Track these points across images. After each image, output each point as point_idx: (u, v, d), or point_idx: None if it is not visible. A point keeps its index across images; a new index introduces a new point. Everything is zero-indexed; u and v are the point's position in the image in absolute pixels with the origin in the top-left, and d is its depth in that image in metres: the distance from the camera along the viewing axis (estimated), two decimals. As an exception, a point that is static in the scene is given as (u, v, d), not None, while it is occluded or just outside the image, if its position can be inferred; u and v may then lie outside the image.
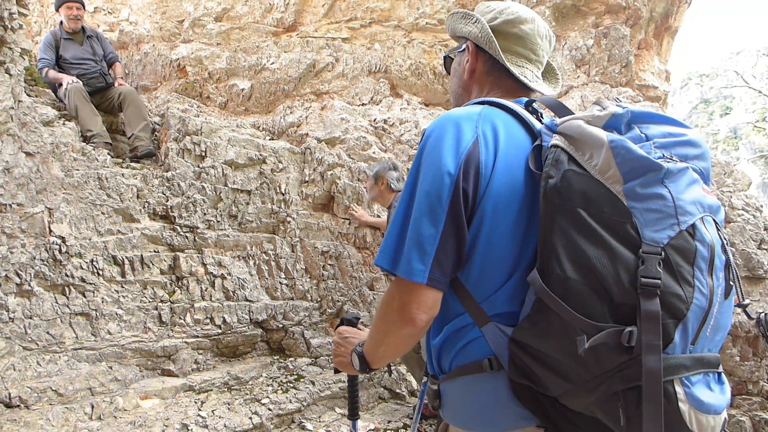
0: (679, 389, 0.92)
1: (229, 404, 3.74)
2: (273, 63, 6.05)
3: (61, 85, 4.76)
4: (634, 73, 5.23)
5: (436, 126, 1.15)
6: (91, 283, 3.71)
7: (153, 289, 4.03)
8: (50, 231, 3.57)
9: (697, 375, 0.95)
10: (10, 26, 3.05)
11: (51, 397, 3.29)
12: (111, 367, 3.68)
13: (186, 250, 4.28)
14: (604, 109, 1.06)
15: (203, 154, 4.62)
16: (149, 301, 3.99)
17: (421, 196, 1.09)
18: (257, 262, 4.65)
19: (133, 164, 4.51)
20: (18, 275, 3.38)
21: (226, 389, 3.95)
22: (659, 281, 0.90)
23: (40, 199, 3.53)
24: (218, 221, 4.52)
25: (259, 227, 4.77)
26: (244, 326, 4.40)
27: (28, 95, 3.89)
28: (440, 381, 1.21)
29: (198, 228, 4.37)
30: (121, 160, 4.51)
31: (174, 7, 6.51)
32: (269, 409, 3.73)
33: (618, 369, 0.92)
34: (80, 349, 3.60)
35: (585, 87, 5.30)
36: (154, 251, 4.12)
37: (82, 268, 3.68)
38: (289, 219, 4.90)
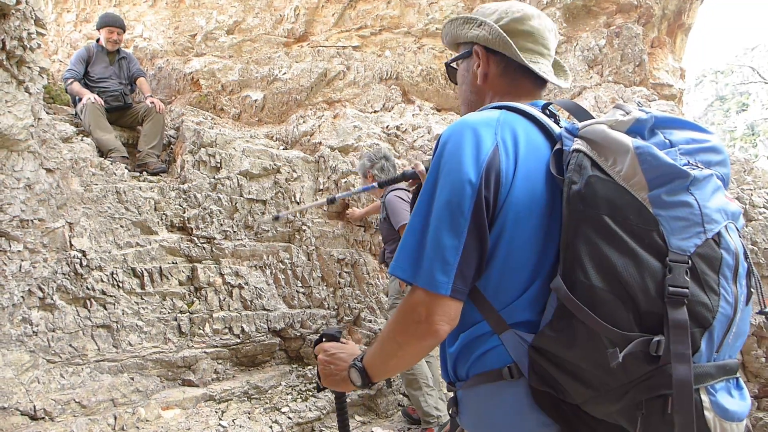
0: (704, 398, 0.92)
1: (249, 413, 3.76)
2: (285, 73, 6.10)
3: (80, 99, 4.87)
4: (648, 71, 5.18)
5: (453, 132, 1.12)
6: (111, 296, 3.76)
7: (172, 300, 4.07)
8: (71, 245, 3.63)
9: (720, 383, 0.96)
10: (29, 46, 3.12)
11: (75, 409, 3.33)
12: (133, 378, 3.72)
13: (203, 261, 4.32)
14: (627, 113, 1.04)
15: (218, 165, 4.67)
16: (169, 312, 4.03)
17: (440, 206, 1.06)
18: (274, 271, 4.67)
19: (149, 177, 4.57)
20: (41, 289, 3.43)
21: (245, 398, 3.97)
22: (687, 290, 0.90)
23: (60, 214, 3.59)
24: (234, 231, 4.55)
25: (275, 236, 4.80)
26: (263, 335, 4.42)
27: (47, 113, 3.97)
28: (457, 388, 1.20)
29: (215, 239, 4.41)
30: (138, 174, 4.58)
31: (186, 22, 6.60)
32: (289, 418, 3.74)
33: (645, 378, 0.91)
34: (102, 360, 3.64)
35: (598, 87, 5.26)
36: (173, 263, 4.17)
37: (102, 280, 3.73)
38: (304, 228, 4.92)
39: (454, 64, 1.44)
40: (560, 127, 1.14)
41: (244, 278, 4.44)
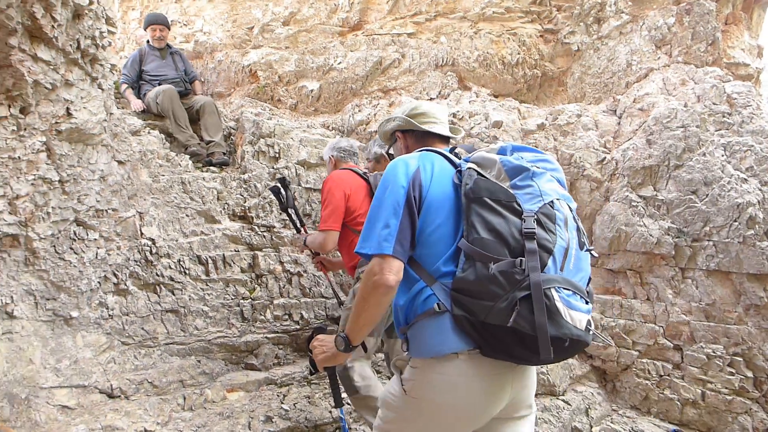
0: (554, 294, 1.51)
1: (309, 398, 3.85)
2: (340, 63, 6.13)
3: (144, 95, 5.25)
4: (721, 50, 4.85)
5: (393, 163, 1.85)
6: (179, 282, 3.92)
7: (235, 286, 4.21)
8: (141, 233, 3.81)
9: (567, 290, 1.54)
10: (100, 44, 3.26)
11: (147, 389, 3.51)
12: (199, 361, 3.88)
13: (264, 249, 4.43)
14: (496, 144, 1.88)
15: (277, 155, 4.76)
16: (232, 299, 4.17)
17: (388, 202, 1.74)
18: (331, 259, 4.74)
19: (212, 168, 4.72)
20: (115, 275, 3.63)
21: (305, 383, 4.06)
22: (534, 230, 1.56)
23: (131, 204, 3.77)
24: (293, 220, 4.64)
25: (332, 225, 4.85)
26: (321, 322, 4.51)
27: (117, 107, 4.16)
28: (407, 329, 1.75)
29: (274, 227, 4.52)
30: (200, 165, 4.75)
31: (244, 15, 6.73)
32: (348, 403, 3.80)
33: (518, 286, 1.51)
34: (171, 343, 3.82)
35: (666, 69, 4.99)
36: (235, 250, 4.30)
37: (170, 267, 3.90)
38: (361, 216, 4.96)
39: (391, 151, 2.30)
40: (460, 160, 1.85)
41: (303, 266, 4.53)
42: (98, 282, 3.53)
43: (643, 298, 4.66)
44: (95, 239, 3.50)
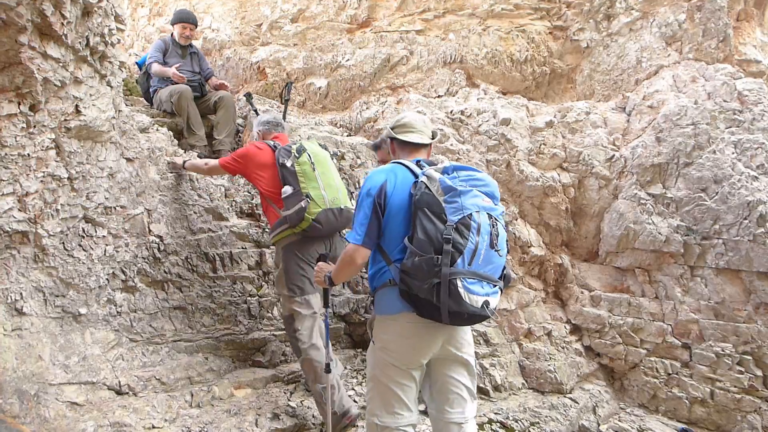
0: (459, 282, 2.13)
1: (316, 395, 3.85)
2: (348, 60, 6.12)
3: (165, 79, 5.29)
4: (733, 47, 4.80)
5: (370, 175, 2.53)
6: (186, 279, 3.94)
7: (242, 284, 4.22)
8: (150, 230, 3.82)
9: (472, 279, 2.17)
10: (109, 42, 3.27)
11: (155, 386, 3.53)
12: (207, 358, 3.90)
13: (271, 246, 4.44)
14: (442, 164, 2.43)
15: (285, 152, 4.75)
16: (239, 296, 4.18)
17: (363, 206, 2.44)
18: (338, 256, 4.73)
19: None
20: (123, 272, 3.64)
21: (312, 380, 4.06)
22: (451, 236, 2.15)
23: (139, 201, 3.78)
24: (300, 218, 4.63)
25: (339, 222, 4.85)
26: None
27: (125, 105, 4.16)
28: (374, 293, 2.52)
29: (282, 225, 4.51)
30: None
31: (252, 12, 6.74)
32: (354, 401, 3.80)
33: (435, 274, 2.14)
34: (179, 340, 3.84)
35: (677, 66, 4.94)
36: (242, 248, 4.31)
37: (178, 264, 3.92)
38: (368, 214, 4.95)
39: (381, 145, 3.25)
40: (421, 170, 2.44)
41: (310, 263, 4.53)
42: (106, 279, 3.55)
43: (652, 296, 4.63)
44: (104, 236, 3.51)
